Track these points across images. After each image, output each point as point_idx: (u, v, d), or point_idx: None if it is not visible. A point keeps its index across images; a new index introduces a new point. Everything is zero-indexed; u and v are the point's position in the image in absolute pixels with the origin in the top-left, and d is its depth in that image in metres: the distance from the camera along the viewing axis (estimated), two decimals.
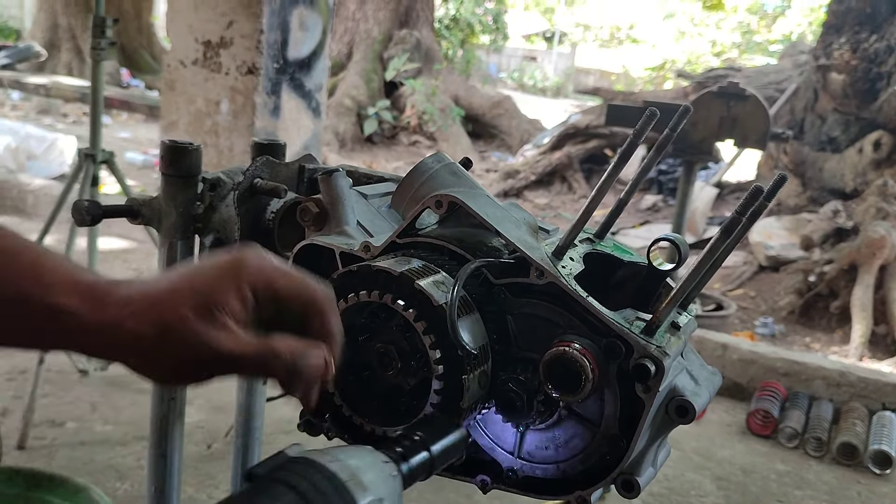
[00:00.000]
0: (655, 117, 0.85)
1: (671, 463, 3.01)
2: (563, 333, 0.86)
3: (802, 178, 6.85)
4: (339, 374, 0.88)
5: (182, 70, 3.63)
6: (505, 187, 8.48)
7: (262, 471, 0.57)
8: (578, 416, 0.89)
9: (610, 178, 0.89)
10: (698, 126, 3.61)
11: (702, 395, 0.92)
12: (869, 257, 4.98)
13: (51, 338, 0.62)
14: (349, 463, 0.59)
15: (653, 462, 0.93)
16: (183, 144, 1.14)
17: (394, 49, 11.31)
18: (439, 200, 0.91)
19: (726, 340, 3.84)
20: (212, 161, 3.54)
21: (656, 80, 20.11)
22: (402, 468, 0.64)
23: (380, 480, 0.60)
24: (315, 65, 3.78)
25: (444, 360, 0.81)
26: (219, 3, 3.47)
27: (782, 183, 0.86)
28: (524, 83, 24.30)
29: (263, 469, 0.57)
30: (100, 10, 2.66)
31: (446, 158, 1.01)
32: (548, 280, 0.86)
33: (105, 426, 2.79)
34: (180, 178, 1.15)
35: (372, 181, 1.23)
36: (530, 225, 0.97)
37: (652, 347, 0.83)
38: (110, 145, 3.17)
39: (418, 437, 0.68)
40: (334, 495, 0.56)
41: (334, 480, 0.57)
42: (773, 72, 8.41)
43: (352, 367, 0.86)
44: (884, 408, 3.44)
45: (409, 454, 0.66)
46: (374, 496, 0.58)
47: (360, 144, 10.52)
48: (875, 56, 6.01)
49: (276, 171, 1.17)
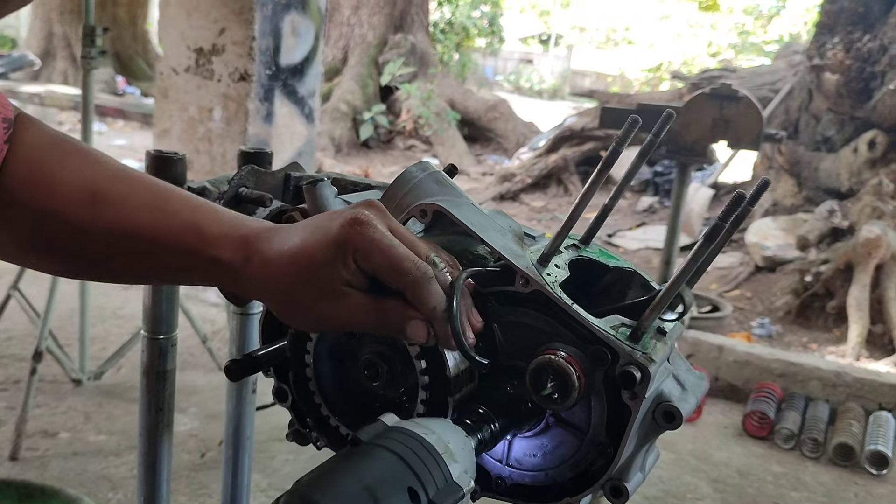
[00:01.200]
0: (638, 125, 0.85)
1: (667, 466, 3.01)
2: (549, 341, 0.86)
3: (798, 178, 6.85)
4: (327, 386, 0.88)
5: (175, 77, 3.63)
6: (501, 190, 8.49)
7: (365, 436, 0.62)
8: (566, 423, 0.89)
9: (594, 185, 0.89)
10: (691, 128, 3.61)
11: (689, 401, 0.92)
12: (865, 257, 4.99)
13: (205, 279, 0.72)
14: (442, 436, 0.65)
15: (641, 467, 0.93)
16: (168, 154, 1.14)
17: (389, 54, 11.33)
18: (424, 209, 0.91)
19: (722, 342, 3.84)
20: (205, 168, 3.54)
21: (653, 82, 20.15)
22: (473, 440, 0.72)
23: (465, 453, 0.67)
24: (308, 71, 3.78)
25: (429, 371, 0.81)
26: (211, 10, 3.47)
27: (765, 188, 0.86)
28: (521, 86, 24.34)
29: (366, 435, 0.62)
30: (89, 20, 2.65)
31: (431, 167, 1.01)
32: (533, 288, 0.86)
33: (98, 436, 2.78)
34: None
35: (359, 189, 1.23)
36: (515, 233, 0.97)
37: (637, 354, 0.82)
38: (106, 152, 3.17)
39: (483, 411, 0.77)
40: (434, 466, 0.61)
41: (433, 452, 0.62)
42: (767, 72, 8.42)
43: (340, 379, 0.86)
44: (880, 408, 3.44)
45: (479, 429, 0.74)
46: (463, 468, 0.64)
47: (356, 149, 10.53)
48: (868, 55, 6.03)
49: (262, 179, 1.17)
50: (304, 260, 0.68)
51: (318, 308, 0.69)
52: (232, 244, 0.70)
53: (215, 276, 0.71)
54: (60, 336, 3.16)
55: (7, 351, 3.38)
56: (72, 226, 0.69)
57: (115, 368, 3.19)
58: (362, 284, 0.69)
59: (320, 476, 0.57)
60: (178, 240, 0.70)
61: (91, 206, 0.70)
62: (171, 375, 1.23)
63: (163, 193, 0.73)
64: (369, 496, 0.56)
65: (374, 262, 0.68)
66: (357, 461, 0.59)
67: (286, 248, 0.69)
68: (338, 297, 0.68)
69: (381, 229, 0.69)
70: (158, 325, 1.20)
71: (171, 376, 1.23)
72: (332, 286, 0.68)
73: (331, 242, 0.68)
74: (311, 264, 0.68)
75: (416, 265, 0.70)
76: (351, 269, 0.68)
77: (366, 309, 0.70)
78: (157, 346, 1.20)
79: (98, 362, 3.18)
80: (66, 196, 0.69)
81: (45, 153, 0.70)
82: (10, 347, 3.41)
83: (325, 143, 9.70)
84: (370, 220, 0.69)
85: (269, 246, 0.70)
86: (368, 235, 0.68)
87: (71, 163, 0.71)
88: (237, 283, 0.71)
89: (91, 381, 3.11)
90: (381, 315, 0.70)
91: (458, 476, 0.63)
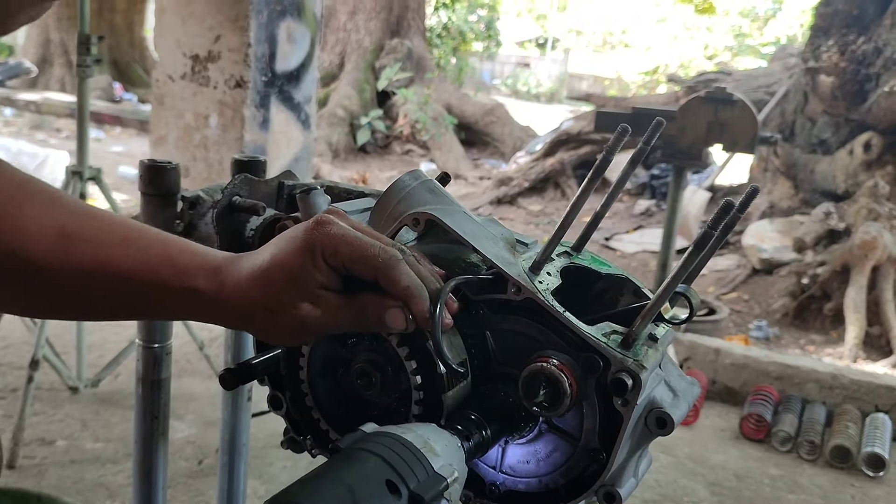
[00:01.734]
0: (627, 133, 0.86)
1: (664, 469, 3.01)
2: (541, 349, 0.86)
3: (794, 180, 6.87)
4: (321, 396, 0.89)
5: (171, 85, 3.63)
6: (499, 194, 8.49)
7: (345, 444, 0.64)
8: (559, 429, 0.89)
9: (585, 193, 0.89)
10: (687, 131, 3.62)
11: (680, 407, 0.92)
12: (861, 259, 5.00)
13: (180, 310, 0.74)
14: (422, 434, 0.67)
15: (634, 473, 0.94)
16: (162, 164, 1.15)
17: (385, 59, 11.34)
18: (416, 218, 0.92)
19: (719, 345, 3.85)
20: (201, 175, 3.54)
21: (650, 85, 20.15)
22: (464, 444, 0.74)
23: (449, 450, 0.69)
24: (304, 77, 3.79)
25: (423, 377, 0.82)
26: (206, 17, 3.47)
27: (754, 195, 0.86)
28: (518, 90, 24.36)
29: (346, 443, 0.64)
30: (84, 28, 2.66)
31: (423, 176, 1.01)
32: (525, 296, 0.86)
33: (96, 444, 2.78)
34: (159, 196, 1.15)
35: (352, 196, 1.23)
36: (507, 240, 0.98)
37: (629, 361, 0.83)
38: (103, 160, 3.18)
39: (474, 418, 0.79)
40: (413, 460, 0.63)
41: (411, 448, 0.64)
42: (763, 75, 8.44)
43: (334, 389, 0.87)
44: (877, 410, 3.45)
45: (470, 433, 0.76)
46: (446, 461, 0.66)
47: (353, 154, 10.54)
48: (863, 58, 6.04)
49: (255, 188, 1.17)
50: (278, 271, 0.70)
51: (297, 316, 0.71)
52: (205, 273, 0.72)
53: (190, 306, 0.73)
54: (58, 344, 3.16)
55: (4, 359, 3.38)
56: (40, 263, 0.70)
57: (112, 376, 3.19)
58: (336, 285, 0.72)
59: (302, 482, 0.59)
60: (153, 273, 0.72)
61: (60, 242, 0.71)
62: (165, 384, 1.23)
63: (135, 230, 0.75)
64: (349, 494, 0.58)
65: (342, 255, 0.70)
66: (337, 465, 0.61)
67: (258, 265, 0.71)
68: (315, 300, 0.71)
69: (344, 226, 0.72)
70: (153, 333, 1.20)
71: (166, 385, 1.24)
72: (307, 291, 0.70)
73: (299, 248, 0.70)
74: (284, 273, 0.70)
75: (384, 249, 0.72)
76: (323, 270, 0.70)
77: (343, 308, 0.72)
78: (152, 355, 1.20)
79: (95, 370, 3.18)
80: (32, 234, 0.70)
81: (8, 194, 0.70)
82: (7, 356, 3.41)
83: (322, 149, 9.71)
84: (332, 220, 0.72)
85: (240, 268, 0.72)
86: (334, 232, 0.71)
87: (36, 202, 0.72)
88: (213, 312, 0.73)
89: (88, 388, 3.11)
90: (359, 310, 0.72)
91: (440, 468, 0.64)
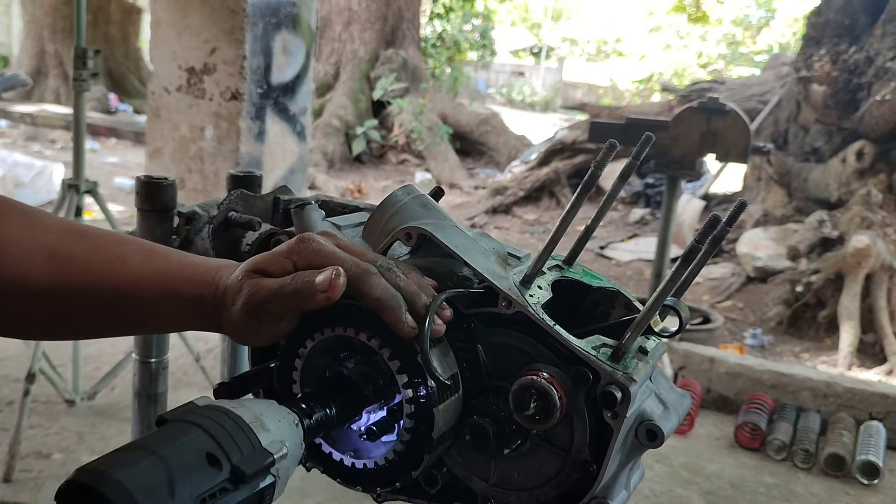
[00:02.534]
0: (615, 149, 0.87)
1: (659, 478, 3.02)
2: (532, 362, 0.88)
3: (788, 188, 6.90)
4: None
5: (166, 97, 3.65)
6: (494, 204, 8.51)
7: (171, 416, 0.61)
8: (549, 442, 0.90)
9: (574, 207, 0.90)
10: (680, 141, 3.64)
11: (671, 419, 0.93)
12: (855, 266, 5.02)
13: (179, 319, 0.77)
14: (254, 408, 0.65)
15: (626, 485, 0.95)
16: (158, 179, 1.16)
17: (380, 69, 11.38)
18: (408, 233, 0.93)
19: (713, 354, 3.86)
20: (197, 187, 3.56)
21: (644, 93, 20.23)
22: (304, 421, 0.72)
23: (283, 426, 0.67)
24: (299, 88, 3.81)
25: (413, 390, 0.83)
26: (202, 30, 3.49)
27: (741, 209, 0.88)
28: (513, 98, 24.44)
29: (173, 415, 0.62)
30: (81, 41, 2.67)
31: (416, 190, 1.03)
32: (515, 309, 0.87)
33: (92, 456, 2.76)
34: (156, 212, 1.16)
35: (347, 211, 1.25)
36: (499, 254, 0.99)
37: (618, 374, 0.84)
38: (99, 170, 3.19)
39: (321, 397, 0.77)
40: (239, 434, 0.61)
41: (239, 422, 0.62)
42: (756, 84, 8.49)
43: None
44: (871, 418, 3.46)
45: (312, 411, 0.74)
46: (277, 437, 0.64)
47: (348, 164, 10.56)
48: (855, 67, 6.08)
49: (251, 203, 1.18)
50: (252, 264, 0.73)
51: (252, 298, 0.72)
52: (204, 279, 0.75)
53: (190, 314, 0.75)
54: (55, 356, 3.16)
55: (0, 372, 3.38)
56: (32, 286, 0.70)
57: (108, 388, 3.19)
58: None
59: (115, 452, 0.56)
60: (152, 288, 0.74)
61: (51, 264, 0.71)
62: (162, 398, 1.24)
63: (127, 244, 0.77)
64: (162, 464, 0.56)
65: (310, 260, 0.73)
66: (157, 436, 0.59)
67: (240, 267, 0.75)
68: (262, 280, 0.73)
69: (323, 242, 0.75)
70: (149, 348, 1.21)
71: (163, 398, 1.24)
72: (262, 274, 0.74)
73: (276, 253, 0.74)
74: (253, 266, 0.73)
75: (357, 263, 0.75)
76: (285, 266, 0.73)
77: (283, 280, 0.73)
78: (148, 370, 1.21)
79: (92, 382, 3.18)
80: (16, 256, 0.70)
81: None
82: (3, 368, 3.41)
83: (317, 159, 9.73)
84: (315, 238, 0.75)
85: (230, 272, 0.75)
86: (313, 247, 0.74)
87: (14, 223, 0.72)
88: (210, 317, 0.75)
89: (84, 401, 3.11)
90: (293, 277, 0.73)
91: (268, 444, 0.63)
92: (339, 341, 0.87)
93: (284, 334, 0.80)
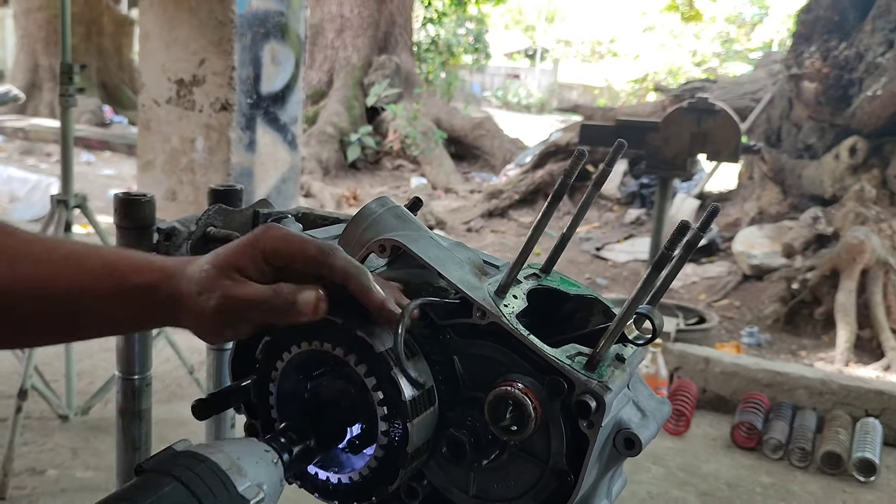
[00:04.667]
0: (584, 157, 0.87)
1: (655, 480, 3.01)
2: (507, 372, 0.87)
3: (782, 185, 6.90)
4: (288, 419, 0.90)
5: (156, 109, 3.65)
6: (489, 207, 8.52)
7: (149, 465, 0.62)
8: (527, 453, 0.90)
9: (545, 217, 0.90)
10: (670, 142, 3.64)
11: (649, 427, 0.93)
12: (850, 263, 5.02)
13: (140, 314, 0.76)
14: (231, 453, 0.66)
15: (607, 494, 0.95)
16: (136, 196, 1.16)
17: (374, 75, 11.39)
18: (382, 245, 0.93)
19: (708, 354, 3.86)
20: (188, 198, 3.56)
21: (639, 93, 20.25)
22: (284, 457, 0.72)
23: (260, 468, 0.67)
24: (289, 98, 3.81)
25: (387, 404, 0.83)
26: (190, 42, 3.50)
27: (714, 215, 0.88)
28: (508, 101, 24.46)
29: (150, 464, 0.62)
30: (66, 57, 2.67)
31: (390, 202, 1.03)
32: (490, 319, 0.87)
33: (86, 472, 2.77)
34: (135, 229, 1.16)
35: (328, 223, 1.24)
36: (475, 264, 0.99)
37: (593, 383, 0.84)
38: (93, 183, 3.19)
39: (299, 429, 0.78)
40: (216, 483, 0.61)
41: (216, 469, 0.62)
42: (748, 82, 8.50)
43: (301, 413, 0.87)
44: (867, 415, 3.46)
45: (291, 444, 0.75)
46: (254, 481, 0.65)
47: (343, 171, 10.56)
48: (845, 63, 6.09)
49: (230, 218, 1.18)
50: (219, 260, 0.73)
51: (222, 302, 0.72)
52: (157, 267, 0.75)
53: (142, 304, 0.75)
54: (47, 372, 3.15)
55: None
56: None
57: (102, 403, 3.18)
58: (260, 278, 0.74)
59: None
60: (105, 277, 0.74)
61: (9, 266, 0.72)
62: (146, 415, 1.24)
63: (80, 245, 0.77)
64: None
65: (283, 253, 0.74)
66: (133, 488, 0.59)
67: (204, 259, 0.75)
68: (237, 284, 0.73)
69: (286, 229, 0.76)
70: (132, 365, 1.21)
71: (147, 415, 1.24)
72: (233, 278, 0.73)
73: (242, 244, 0.74)
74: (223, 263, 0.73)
75: (320, 246, 0.75)
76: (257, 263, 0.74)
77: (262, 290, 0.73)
78: (131, 387, 1.21)
79: (85, 397, 3.17)
80: None
81: None
82: None
83: (312, 166, 9.73)
84: (279, 227, 0.76)
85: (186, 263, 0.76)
86: (275, 234, 0.74)
87: None
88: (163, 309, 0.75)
89: (78, 416, 3.10)
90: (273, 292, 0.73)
91: (244, 489, 0.63)
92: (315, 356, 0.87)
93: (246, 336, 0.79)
